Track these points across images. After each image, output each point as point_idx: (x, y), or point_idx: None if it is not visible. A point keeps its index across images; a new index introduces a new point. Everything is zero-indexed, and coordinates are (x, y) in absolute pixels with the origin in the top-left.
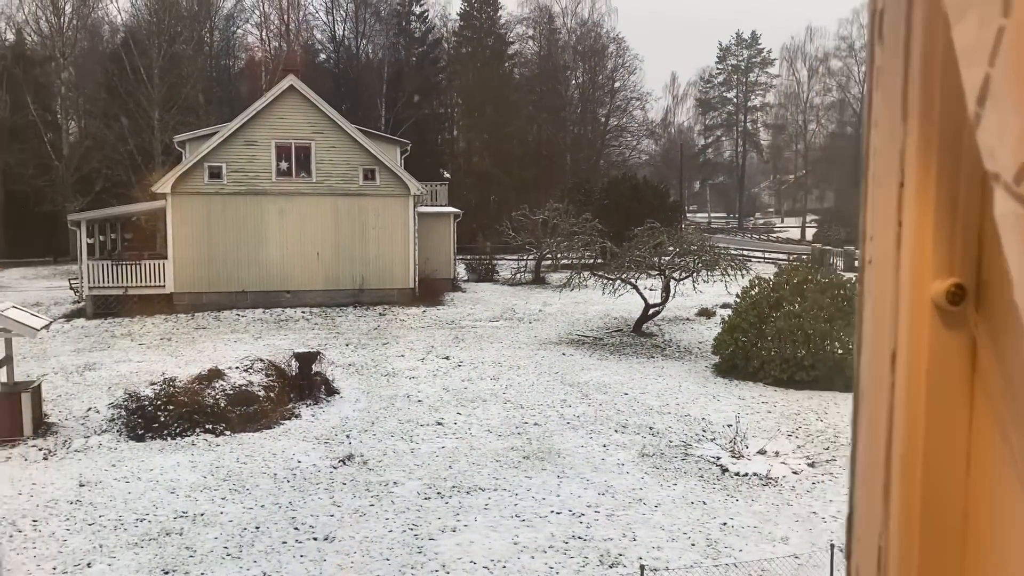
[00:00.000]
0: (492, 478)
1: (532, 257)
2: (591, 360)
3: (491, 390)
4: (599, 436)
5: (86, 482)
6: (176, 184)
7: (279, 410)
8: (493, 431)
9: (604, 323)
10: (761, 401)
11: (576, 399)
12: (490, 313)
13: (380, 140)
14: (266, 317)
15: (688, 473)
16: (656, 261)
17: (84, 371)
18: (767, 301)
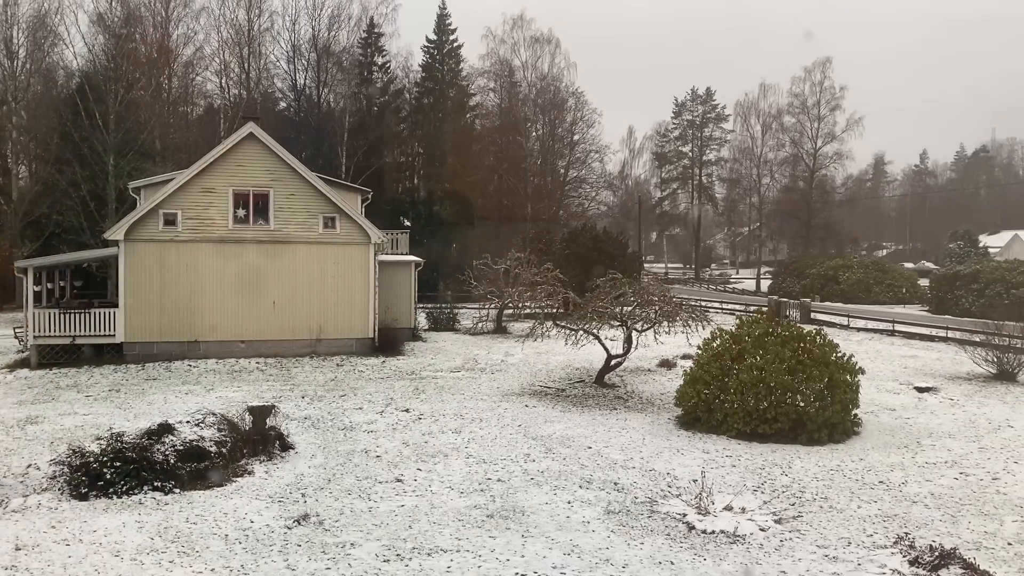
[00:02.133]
0: (454, 539)
1: (494, 306)
2: (554, 412)
3: (453, 444)
4: (564, 492)
5: (23, 545)
6: (129, 231)
7: (232, 467)
8: (455, 488)
9: (567, 374)
10: (726, 454)
11: (540, 453)
12: (451, 363)
13: (341, 188)
14: (219, 368)
15: (655, 531)
16: (618, 312)
17: (25, 425)
18: (729, 353)
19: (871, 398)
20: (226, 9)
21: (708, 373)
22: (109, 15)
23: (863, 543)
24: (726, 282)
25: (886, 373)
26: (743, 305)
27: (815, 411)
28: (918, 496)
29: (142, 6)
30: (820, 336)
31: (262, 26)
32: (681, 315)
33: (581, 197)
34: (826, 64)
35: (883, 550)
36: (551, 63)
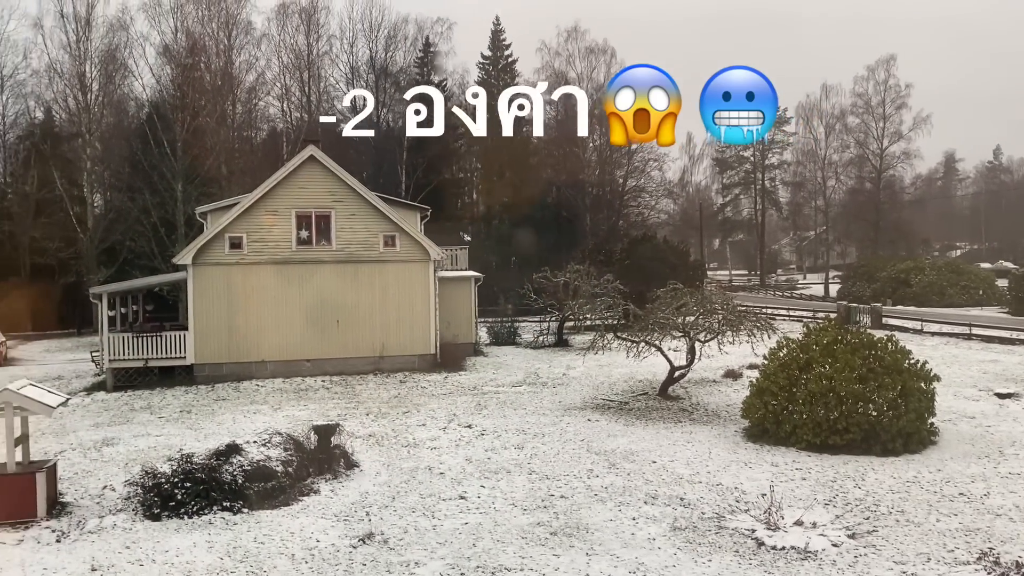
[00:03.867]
0: (518, 557)
1: (554, 319)
2: (617, 426)
3: (515, 460)
4: (628, 508)
5: (99, 566)
6: (197, 255)
7: (298, 486)
8: (518, 505)
9: (629, 386)
10: (795, 467)
11: (603, 468)
12: (513, 378)
13: (400, 206)
14: (286, 387)
15: (723, 548)
16: (680, 322)
17: (102, 447)
18: (796, 363)
19: (948, 405)
20: (286, 35)
21: (775, 383)
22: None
23: (943, 559)
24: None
25: (964, 379)
26: (810, 312)
27: (888, 420)
28: (1002, 509)
29: (206, 36)
30: (892, 342)
31: (321, 50)
32: (746, 324)
33: (640, 206)
34: (890, 61)
35: (965, 566)
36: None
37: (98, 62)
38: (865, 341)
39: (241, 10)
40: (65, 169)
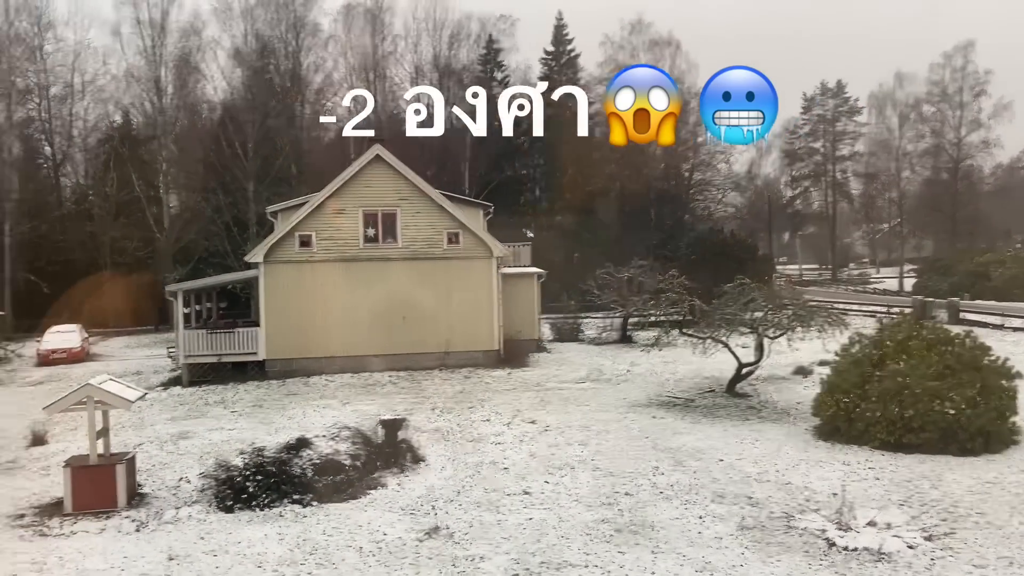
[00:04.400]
0: (583, 553)
1: (618, 316)
2: (683, 424)
3: (579, 456)
4: (695, 506)
5: (175, 556)
6: (268, 253)
7: (365, 479)
8: (582, 501)
9: (695, 383)
10: (868, 466)
11: (669, 466)
12: (576, 374)
13: (463, 204)
14: (354, 382)
15: (792, 548)
16: (748, 318)
17: (178, 440)
18: (869, 359)
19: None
20: (352, 36)
21: (847, 381)
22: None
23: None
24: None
25: None
26: (884, 307)
27: (967, 419)
28: None
29: (275, 39)
30: (970, 338)
31: (386, 50)
32: (816, 319)
33: (707, 200)
34: (968, 48)
35: None
36: (672, 65)
37: (172, 66)
38: (942, 337)
39: (308, 12)
40: (142, 171)
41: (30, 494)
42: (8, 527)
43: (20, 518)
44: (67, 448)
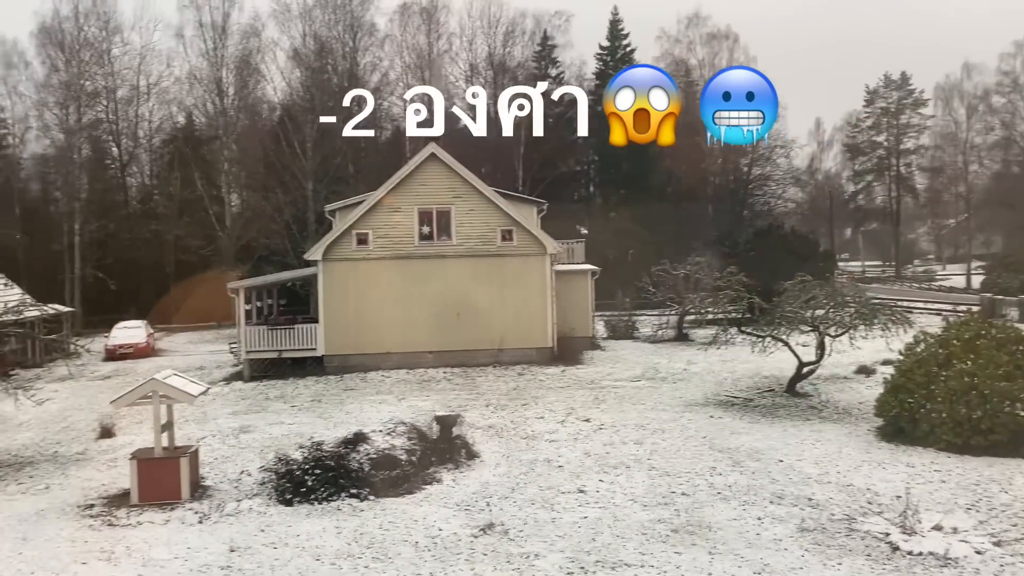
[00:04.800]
0: (639, 553)
1: (674, 313)
2: (741, 423)
3: (635, 455)
4: (753, 507)
5: (236, 547)
6: (327, 251)
7: (421, 474)
8: (638, 500)
9: (754, 383)
10: (933, 469)
11: (727, 466)
12: (631, 372)
13: (517, 201)
14: (409, 378)
15: (854, 551)
16: (809, 316)
17: (239, 434)
18: (935, 358)
19: None
20: (407, 35)
21: (912, 380)
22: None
23: None
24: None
25: None
26: (951, 305)
27: None
28: None
29: (332, 39)
30: None
31: (441, 48)
32: (879, 317)
33: (766, 195)
34: None
35: None
36: (729, 59)
37: (233, 68)
38: (1012, 336)
39: (365, 12)
40: (205, 171)
41: (99, 485)
42: (78, 516)
43: (90, 508)
44: (133, 441)
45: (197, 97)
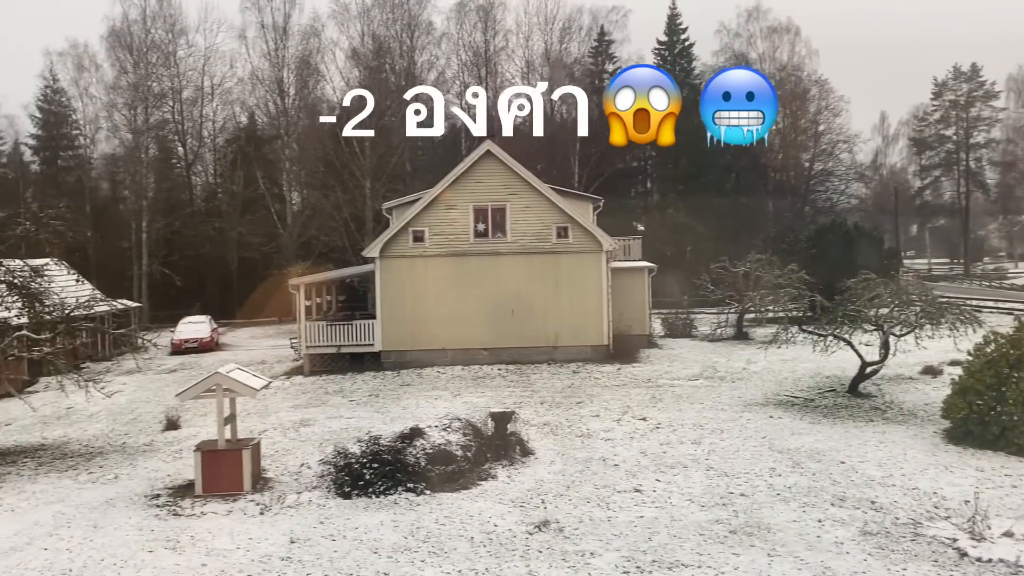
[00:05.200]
0: (696, 554)
1: (733, 311)
2: (802, 424)
3: (692, 455)
4: (814, 509)
5: (296, 539)
6: (384, 248)
7: (476, 470)
8: (695, 501)
9: (815, 382)
10: (1004, 473)
11: (786, 467)
12: (689, 371)
13: (573, 198)
14: (464, 374)
15: (919, 556)
16: (872, 315)
17: (299, 427)
18: (1006, 359)
19: None
20: (463, 33)
21: (981, 382)
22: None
23: None
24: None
25: None
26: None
27: None
28: None
29: (390, 38)
30: None
31: (497, 46)
32: (947, 317)
33: (828, 191)
34: None
35: None
36: (790, 52)
37: (294, 68)
38: None
39: (422, 12)
40: (267, 169)
41: (164, 475)
42: (145, 506)
43: (156, 498)
44: (198, 433)
45: (259, 97)
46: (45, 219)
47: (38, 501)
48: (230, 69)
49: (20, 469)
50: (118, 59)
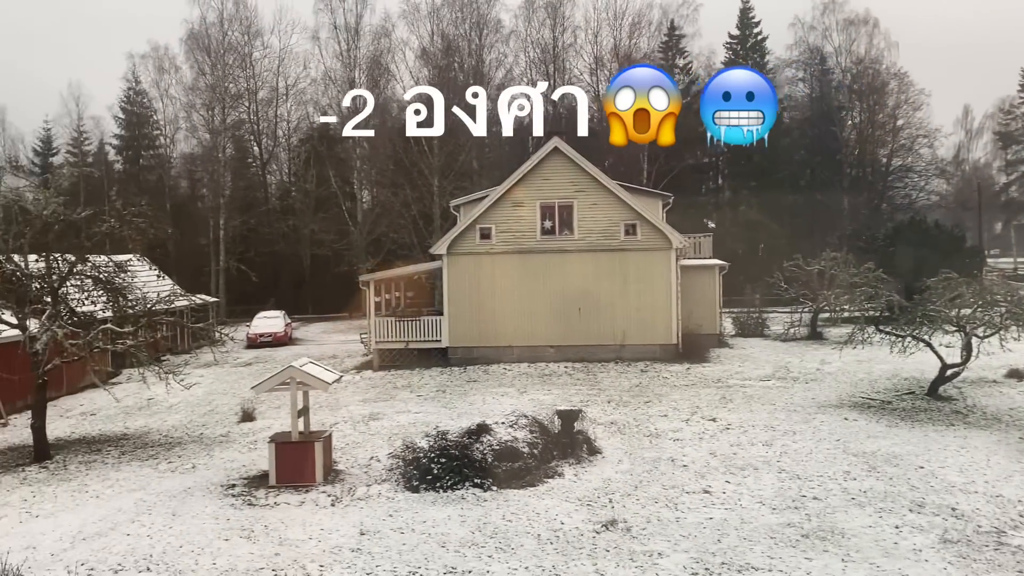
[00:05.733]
0: (766, 557)
1: (807, 310)
2: (878, 427)
3: (763, 457)
4: (890, 515)
5: (366, 531)
6: (451, 245)
7: (542, 468)
8: (766, 503)
9: (892, 384)
10: None
11: (862, 471)
12: (761, 371)
13: (641, 194)
14: (530, 371)
15: (1004, 566)
16: (954, 315)
17: (368, 421)
18: None
19: None
20: (532, 30)
21: None
22: (431, 48)
23: None
24: None
25: None
26: None
27: None
28: None
29: (459, 37)
30: None
31: (565, 42)
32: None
33: (907, 187)
34: None
35: None
36: (868, 45)
37: (365, 68)
38: None
39: (491, 9)
40: (338, 168)
41: (240, 466)
42: (221, 495)
43: (231, 487)
44: (272, 425)
45: (331, 97)
46: (129, 216)
47: (121, 488)
48: (303, 70)
49: (105, 457)
50: (196, 61)
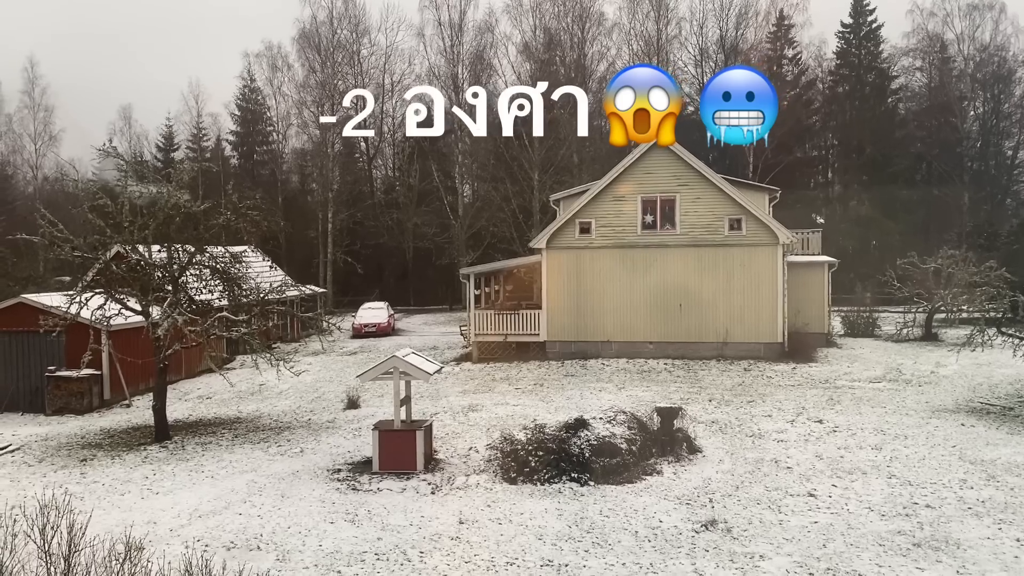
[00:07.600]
0: (874, 564)
1: (922, 310)
2: (999, 434)
3: (872, 461)
4: (1011, 527)
5: (465, 520)
6: (550, 239)
7: (641, 464)
8: (875, 509)
9: (1015, 390)
10: None
11: (979, 480)
12: (871, 373)
13: (746, 188)
14: (629, 367)
15: None
16: None
17: (468, 412)
18: None
19: None
20: (635, 22)
21: None
22: (533, 43)
23: None
24: None
25: None
26: None
27: None
28: None
29: (561, 31)
30: None
31: (670, 34)
32: None
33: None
34: None
35: None
36: (993, 31)
37: (468, 63)
38: None
39: (594, 2)
40: (441, 163)
41: (345, 452)
42: (327, 480)
43: (337, 472)
44: (375, 413)
45: None
46: (244, 210)
47: (234, 470)
48: (408, 66)
49: (219, 439)
50: (307, 59)
